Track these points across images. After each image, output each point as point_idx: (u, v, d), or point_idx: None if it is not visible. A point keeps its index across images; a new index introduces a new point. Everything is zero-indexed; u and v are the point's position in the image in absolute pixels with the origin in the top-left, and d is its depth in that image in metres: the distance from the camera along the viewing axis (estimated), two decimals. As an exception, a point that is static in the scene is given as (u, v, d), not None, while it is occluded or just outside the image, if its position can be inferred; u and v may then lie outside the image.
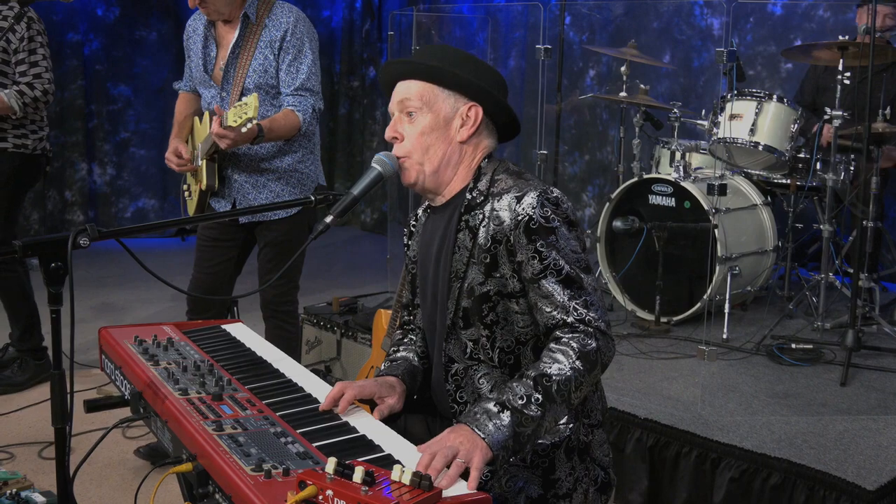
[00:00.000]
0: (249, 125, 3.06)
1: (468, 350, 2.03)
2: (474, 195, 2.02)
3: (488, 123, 2.08)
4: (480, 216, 1.99)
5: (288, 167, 3.48)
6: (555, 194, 1.94)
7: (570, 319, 1.89)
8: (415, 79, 2.04)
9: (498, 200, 1.97)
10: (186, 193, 3.69)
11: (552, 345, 1.89)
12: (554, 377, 1.83)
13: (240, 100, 3.29)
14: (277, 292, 3.59)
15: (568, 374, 1.83)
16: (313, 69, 3.39)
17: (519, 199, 1.93)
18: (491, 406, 1.80)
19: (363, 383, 2.03)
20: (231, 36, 3.39)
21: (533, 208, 1.91)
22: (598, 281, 1.98)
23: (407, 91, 2.04)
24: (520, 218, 1.92)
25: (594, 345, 1.87)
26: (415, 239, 2.23)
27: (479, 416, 1.78)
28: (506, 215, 1.94)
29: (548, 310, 1.92)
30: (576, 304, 1.89)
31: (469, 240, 2.00)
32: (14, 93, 4.04)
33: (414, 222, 2.26)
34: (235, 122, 3.04)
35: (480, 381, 2.03)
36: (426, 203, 2.20)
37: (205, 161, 3.43)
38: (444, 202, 2.10)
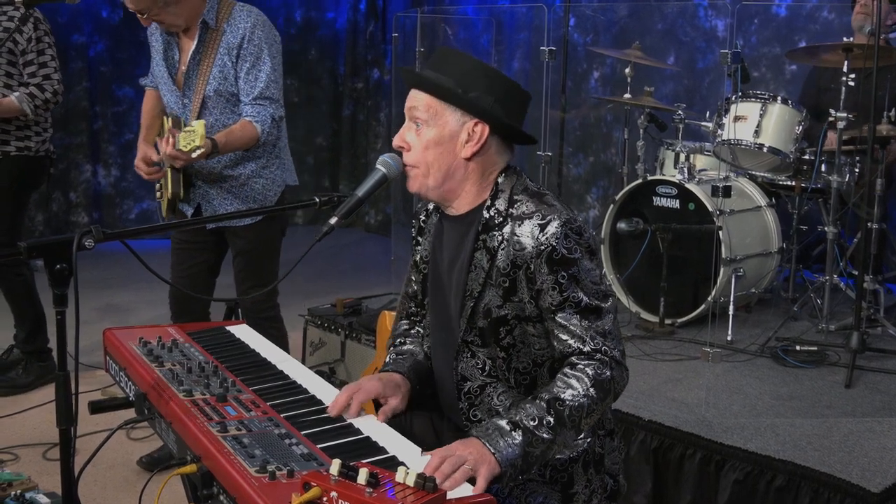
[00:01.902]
0: (198, 152, 3.04)
1: (486, 368, 2.03)
2: (492, 214, 2.00)
3: (497, 140, 2.03)
4: (499, 238, 1.97)
5: (251, 174, 3.43)
6: (577, 223, 1.94)
7: (586, 349, 1.90)
8: (423, 91, 2.02)
9: (519, 225, 1.95)
10: (158, 195, 3.65)
11: (567, 370, 1.90)
12: (567, 402, 1.84)
13: (198, 117, 3.28)
14: (255, 300, 3.53)
15: (581, 400, 1.85)
16: (272, 76, 3.30)
17: (542, 228, 1.92)
18: (503, 424, 1.80)
19: (369, 385, 2.03)
20: (191, 43, 3.32)
21: (557, 239, 1.90)
22: (616, 308, 1.99)
23: (416, 100, 2.03)
24: (542, 248, 1.91)
25: (609, 374, 1.89)
26: (425, 237, 2.21)
27: (490, 431, 1.79)
28: (528, 242, 1.93)
29: (564, 338, 1.93)
30: (593, 333, 1.91)
31: (486, 261, 1.99)
32: (25, 96, 4.04)
33: (424, 218, 2.24)
34: (186, 146, 3.04)
35: (500, 398, 2.03)
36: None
37: (170, 169, 3.39)
38: (458, 215, 2.08)
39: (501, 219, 1.99)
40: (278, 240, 3.56)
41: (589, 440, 2.02)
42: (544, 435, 1.80)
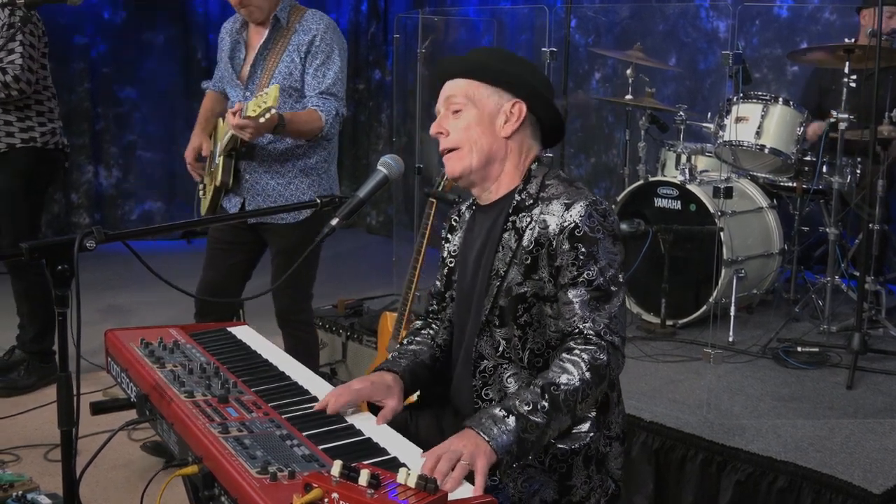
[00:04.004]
0: (268, 115, 3.03)
1: (500, 348, 2.05)
2: (523, 197, 2.06)
3: (533, 123, 2.12)
4: (528, 219, 2.02)
5: (301, 170, 3.44)
6: (603, 206, 1.98)
7: (586, 331, 1.92)
8: (460, 76, 2.08)
9: (547, 205, 2.01)
10: (201, 192, 3.66)
11: (564, 355, 1.91)
12: (562, 387, 1.85)
13: None
14: (290, 301, 3.56)
15: (576, 384, 1.85)
16: (340, 76, 3.38)
17: (568, 207, 1.97)
18: (497, 411, 1.81)
19: (359, 388, 2.01)
20: (260, 37, 3.41)
21: (581, 217, 1.95)
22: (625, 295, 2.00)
23: (452, 89, 2.09)
24: (566, 224, 1.95)
25: (604, 359, 1.90)
26: (456, 233, 2.25)
27: (484, 420, 1.79)
28: (552, 220, 1.98)
29: (568, 316, 1.95)
30: (597, 315, 1.93)
31: (514, 241, 2.03)
32: None
33: (456, 217, 2.28)
34: (255, 111, 3.03)
35: (509, 380, 2.05)
36: (471, 199, 2.22)
37: (222, 157, 3.42)
38: (491, 201, 2.13)
39: (532, 201, 2.04)
40: (320, 244, 3.54)
41: (592, 435, 2.01)
42: (538, 420, 1.80)
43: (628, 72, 5.02)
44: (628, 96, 5.02)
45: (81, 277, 1.85)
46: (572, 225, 1.95)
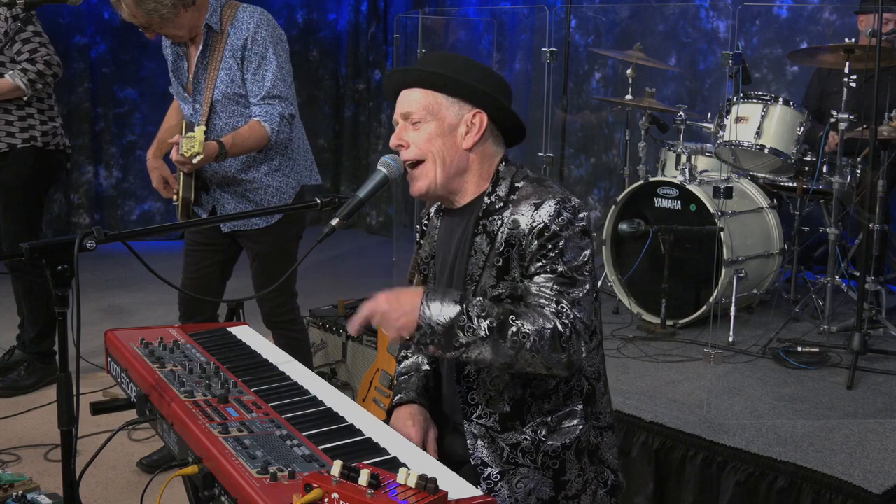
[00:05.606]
0: (199, 157, 3.04)
1: None
2: (493, 200, 2.03)
3: (493, 130, 2.08)
4: (499, 222, 2.00)
5: (263, 176, 3.41)
6: (573, 203, 1.95)
7: (550, 309, 1.88)
8: (418, 87, 2.04)
9: (517, 206, 1.98)
10: (175, 199, 3.65)
11: (535, 307, 1.90)
12: (520, 325, 1.84)
13: (208, 120, 3.28)
14: (274, 304, 3.55)
15: (534, 334, 1.83)
16: (279, 74, 3.27)
17: (538, 206, 1.95)
18: (454, 295, 1.87)
19: (416, 432, 2.08)
20: (198, 47, 3.32)
21: (550, 216, 1.93)
22: (598, 296, 1.97)
23: (410, 102, 2.05)
24: (535, 224, 1.93)
25: (567, 334, 1.85)
26: (427, 240, 2.23)
27: (438, 292, 1.87)
28: (523, 220, 1.96)
29: (532, 302, 1.91)
30: (559, 297, 1.89)
31: (486, 244, 2.01)
32: (17, 72, 4.01)
33: (426, 222, 2.26)
34: (188, 151, 3.03)
35: (492, 382, 2.03)
36: (438, 203, 2.20)
37: (181, 174, 3.39)
38: (460, 206, 2.11)
39: (502, 204, 2.02)
40: (295, 243, 3.53)
41: (581, 427, 2.01)
42: (475, 326, 1.83)
43: (628, 72, 5.02)
44: (628, 96, 5.02)
45: (81, 277, 1.85)
46: (541, 225, 1.92)
